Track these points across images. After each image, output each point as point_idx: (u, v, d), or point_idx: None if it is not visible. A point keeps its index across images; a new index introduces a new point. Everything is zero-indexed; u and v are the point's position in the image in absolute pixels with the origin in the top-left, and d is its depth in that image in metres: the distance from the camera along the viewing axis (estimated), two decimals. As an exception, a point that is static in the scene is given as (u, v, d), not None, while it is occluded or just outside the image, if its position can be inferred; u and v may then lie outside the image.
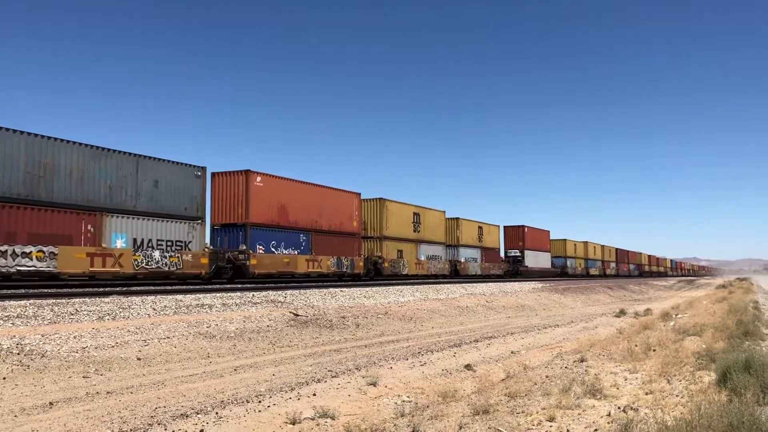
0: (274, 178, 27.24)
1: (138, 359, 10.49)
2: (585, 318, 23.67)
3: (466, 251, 46.59)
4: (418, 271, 38.09)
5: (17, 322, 11.70)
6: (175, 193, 22.23)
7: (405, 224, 37.69)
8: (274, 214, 27.00)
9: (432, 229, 41.15)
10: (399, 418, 7.00)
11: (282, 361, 11.22)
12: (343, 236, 31.63)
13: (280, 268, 26.62)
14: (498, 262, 52.78)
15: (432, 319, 20.02)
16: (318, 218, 29.87)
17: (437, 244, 41.90)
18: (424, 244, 39.86)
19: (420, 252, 39.07)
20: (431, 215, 41.42)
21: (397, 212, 36.78)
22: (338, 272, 30.58)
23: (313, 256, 28.94)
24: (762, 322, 15.26)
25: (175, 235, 21.86)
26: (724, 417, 4.66)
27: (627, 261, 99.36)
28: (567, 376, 8.35)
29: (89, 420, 6.84)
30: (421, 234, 39.50)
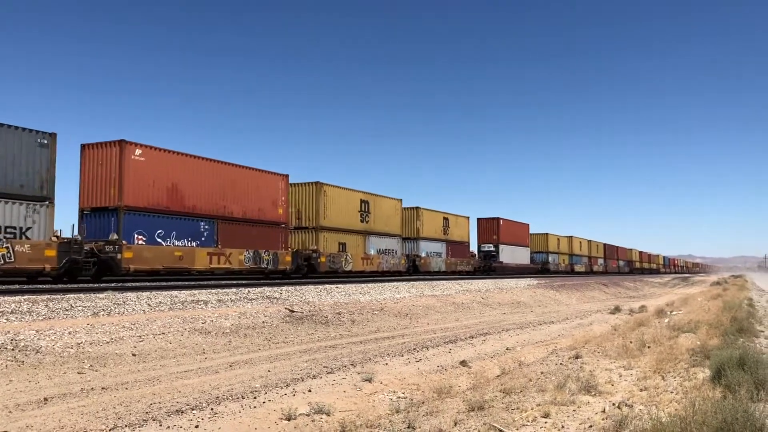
0: (162, 152, 22.06)
1: (133, 355, 10.47)
2: (580, 315, 23.75)
3: (428, 245, 41.60)
4: (365, 267, 33.06)
5: (11, 317, 11.66)
6: (6, 165, 16.95)
7: (350, 213, 32.47)
8: (161, 196, 21.81)
9: (385, 219, 35.90)
10: (394, 414, 7.00)
11: (277, 357, 11.22)
12: (264, 226, 26.53)
13: (170, 263, 21.59)
14: (467, 257, 47.79)
15: (427, 316, 20.04)
16: (227, 203, 24.71)
17: (391, 237, 36.72)
18: (375, 236, 34.69)
19: (369, 245, 34.02)
20: (384, 204, 36.18)
21: (339, 199, 31.63)
22: (255, 268, 25.57)
23: (219, 249, 23.73)
24: (756, 319, 15.33)
25: (4, 219, 16.72)
26: (718, 413, 4.67)
27: (616, 257, 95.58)
28: (562, 373, 8.37)
29: (84, 416, 6.83)
30: (370, 225, 34.24)
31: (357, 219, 33.24)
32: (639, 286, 57.42)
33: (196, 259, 22.67)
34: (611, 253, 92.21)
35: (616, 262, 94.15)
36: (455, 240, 46.02)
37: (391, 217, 36.91)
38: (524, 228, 59.93)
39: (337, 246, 31.35)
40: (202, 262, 22.93)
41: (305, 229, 30.19)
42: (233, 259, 24.36)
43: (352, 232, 32.65)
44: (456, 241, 46.14)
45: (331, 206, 30.87)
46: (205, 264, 23.10)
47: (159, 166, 21.80)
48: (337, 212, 31.43)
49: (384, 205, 36.29)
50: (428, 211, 42.36)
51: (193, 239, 23.03)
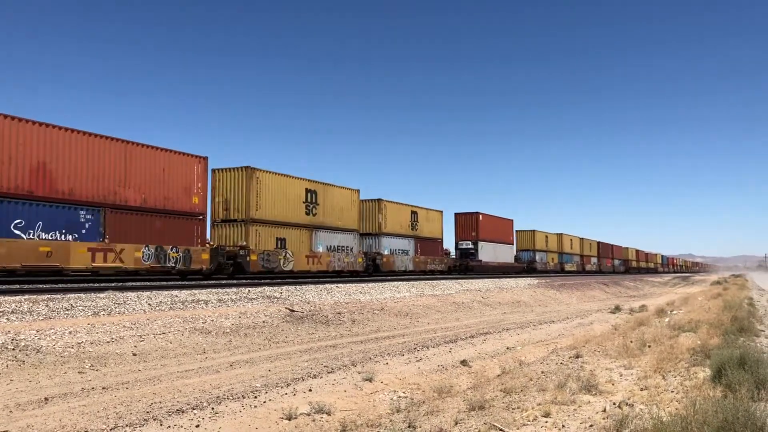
0: (25, 123, 17.77)
1: (133, 355, 10.48)
2: (580, 314, 23.75)
3: (392, 242, 37.05)
4: (311, 266, 28.99)
5: (12, 317, 11.66)
6: None
7: (291, 204, 28.25)
8: (22, 177, 17.56)
9: (338, 212, 31.55)
10: (395, 413, 7.00)
11: (278, 356, 11.22)
12: (173, 217, 22.17)
13: (32, 261, 17.39)
14: (440, 255, 43.59)
15: (428, 315, 20.04)
16: (120, 188, 20.35)
17: (346, 232, 32.27)
18: (324, 231, 30.42)
19: (316, 241, 29.74)
20: (336, 194, 31.77)
21: (276, 187, 27.48)
22: (158, 268, 21.32)
23: (107, 245, 19.47)
24: (757, 319, 15.33)
25: None
26: (719, 413, 4.67)
27: (611, 256, 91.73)
28: (562, 372, 8.37)
29: (85, 415, 6.83)
30: (318, 218, 29.98)
31: (301, 211, 28.85)
32: (639, 285, 57.43)
33: (72, 257, 18.39)
34: (606, 251, 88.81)
35: (611, 261, 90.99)
36: (426, 236, 41.74)
37: (345, 209, 32.34)
38: (507, 224, 55.89)
39: (275, 242, 26.94)
40: (80, 260, 18.63)
41: (233, 222, 25.98)
42: (126, 257, 20.05)
43: (295, 226, 28.38)
44: (426, 237, 41.81)
45: (266, 195, 26.63)
46: (86, 262, 18.81)
47: (18, 141, 17.53)
48: (275, 203, 27.12)
49: (336, 196, 31.78)
50: (392, 204, 37.94)
51: (69, 232, 18.65)
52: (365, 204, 36.50)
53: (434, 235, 43.37)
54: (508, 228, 55.66)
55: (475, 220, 48.76)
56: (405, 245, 39.00)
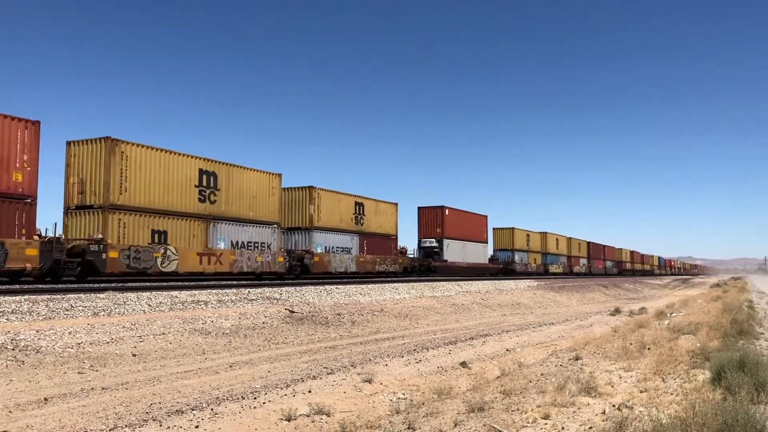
0: None
1: (133, 355, 10.47)
2: (580, 316, 23.75)
3: (328, 238, 31.38)
4: (207, 266, 23.12)
5: (12, 317, 11.66)
6: None
7: (178, 189, 22.54)
8: None
9: (248, 200, 25.99)
10: (394, 414, 7.00)
11: (277, 357, 11.22)
12: None
13: None
14: (393, 254, 37.64)
15: (427, 317, 20.04)
16: None
17: (260, 225, 26.47)
18: (228, 223, 24.60)
19: (215, 236, 23.94)
20: (247, 178, 26.04)
21: (153, 167, 21.70)
22: None
23: None
24: (756, 321, 15.33)
25: None
26: (718, 415, 4.67)
27: (603, 257, 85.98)
28: (562, 374, 8.37)
29: (84, 416, 6.83)
30: (219, 206, 24.18)
31: (192, 197, 23.05)
32: (639, 288, 57.44)
33: None
34: (597, 252, 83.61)
35: (603, 263, 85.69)
36: (375, 232, 35.84)
37: (260, 197, 26.69)
38: (480, 220, 50.04)
39: (149, 235, 21.23)
40: None
41: (89, 210, 20.26)
42: None
43: (183, 215, 22.49)
44: (375, 233, 35.96)
45: (136, 175, 20.96)
46: None
47: None
48: (150, 185, 21.50)
49: (247, 181, 26.15)
50: (329, 193, 32.11)
51: None
52: (291, 192, 31.05)
53: (386, 231, 37.37)
54: (480, 225, 50.17)
55: (440, 215, 43.40)
56: (346, 242, 33.12)
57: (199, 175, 23.68)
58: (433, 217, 43.68)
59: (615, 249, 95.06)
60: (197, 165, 23.61)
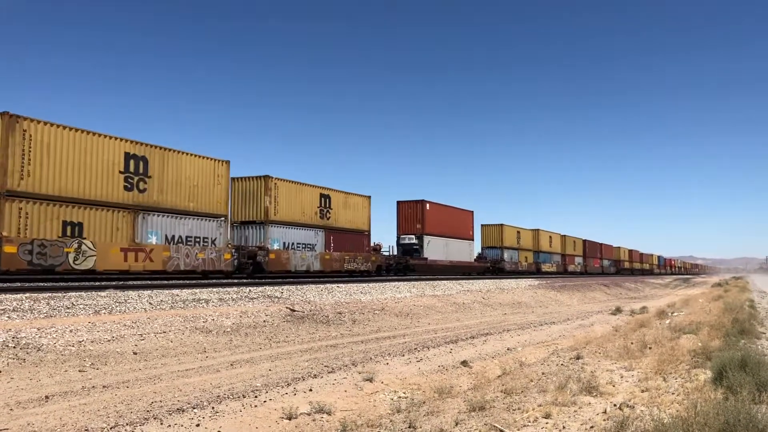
0: None
1: (134, 353, 10.48)
2: (581, 315, 23.73)
3: (287, 233, 28.42)
4: (133, 263, 20.47)
5: (13, 315, 11.67)
6: None
7: (98, 174, 19.88)
8: None
9: (188, 189, 23.06)
10: (395, 413, 7.00)
11: (278, 356, 11.22)
12: None
13: None
14: (365, 251, 34.50)
15: (428, 316, 20.04)
16: None
17: (203, 218, 23.63)
18: (161, 215, 21.85)
19: (145, 229, 21.18)
20: (186, 165, 23.16)
21: (66, 149, 19.16)
22: None
23: None
24: (758, 321, 15.31)
25: None
26: (720, 415, 4.67)
27: (600, 255, 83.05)
28: (563, 373, 8.37)
29: (85, 414, 6.83)
30: (150, 196, 21.45)
31: (116, 184, 20.34)
32: (640, 287, 57.41)
33: None
34: (593, 250, 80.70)
35: (599, 262, 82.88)
36: (344, 227, 32.82)
37: (203, 187, 23.88)
38: (464, 216, 46.96)
39: (60, 227, 18.71)
40: None
41: None
42: None
43: (103, 205, 19.82)
44: (345, 229, 32.90)
45: (42, 159, 18.48)
46: None
47: None
48: (61, 171, 19.01)
49: (187, 168, 23.24)
50: (289, 184, 28.98)
51: None
52: (245, 183, 28.12)
53: (357, 227, 34.09)
54: (465, 221, 47.03)
55: (421, 210, 40.49)
56: (309, 238, 30.15)
57: (126, 159, 20.87)
58: (413, 212, 40.81)
59: (613, 247, 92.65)
60: (123, 148, 20.80)
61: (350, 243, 33.36)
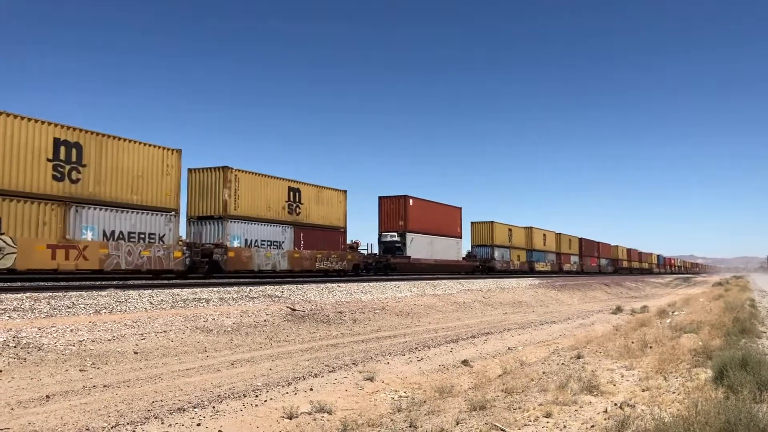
0: None
1: (135, 353, 10.48)
2: (582, 315, 23.73)
3: (250, 229, 26.12)
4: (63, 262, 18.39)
5: (14, 315, 11.68)
6: None
7: (18, 163, 17.64)
8: None
9: (131, 180, 20.96)
10: (396, 413, 7.00)
11: (279, 355, 11.23)
12: None
13: None
14: (340, 249, 32.20)
15: (429, 315, 20.04)
16: None
17: (149, 212, 21.55)
18: (99, 208, 19.78)
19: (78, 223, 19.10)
20: (128, 154, 21.03)
21: None
22: None
23: None
24: (758, 320, 15.31)
25: None
26: (721, 414, 4.67)
27: (597, 254, 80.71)
28: (564, 373, 8.36)
29: (86, 413, 6.83)
30: (84, 187, 19.34)
31: (43, 174, 18.21)
32: (640, 286, 57.44)
33: None
34: (590, 249, 78.33)
35: (596, 261, 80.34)
36: (316, 224, 30.57)
37: (149, 177, 21.60)
38: (452, 213, 44.99)
39: None
40: None
41: None
42: None
43: (27, 197, 17.78)
44: (317, 225, 30.70)
45: None
46: None
47: None
48: None
49: (130, 157, 21.05)
50: (251, 176, 26.59)
51: None
52: (202, 174, 25.66)
53: (331, 223, 31.88)
54: (452, 218, 44.89)
55: (403, 206, 38.23)
56: (275, 235, 27.80)
57: (55, 146, 18.58)
58: (395, 207, 38.43)
59: (610, 246, 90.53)
60: (51, 133, 18.55)
61: (323, 240, 31.11)
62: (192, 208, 25.76)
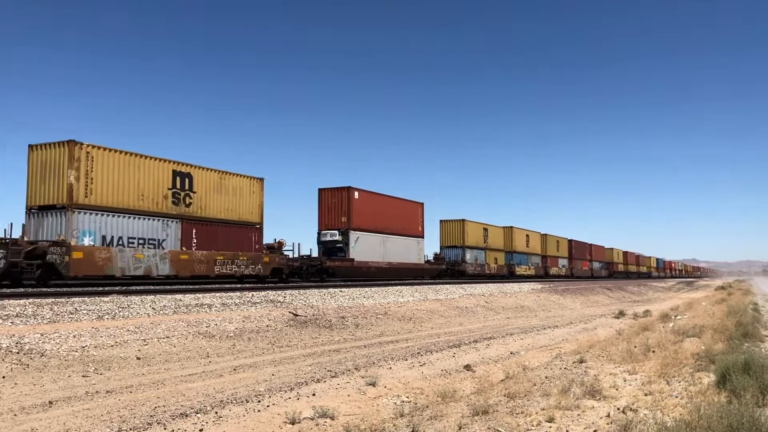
0: None
1: (137, 358, 10.50)
2: (584, 319, 23.69)
3: (111, 223, 20.30)
4: None
5: (17, 321, 11.69)
6: None
7: None
8: None
9: None
10: (398, 418, 7.00)
11: (281, 360, 11.23)
12: None
13: None
14: (254, 250, 26.46)
15: (431, 320, 20.03)
16: None
17: None
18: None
19: None
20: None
21: None
22: None
23: None
24: (761, 324, 15.30)
25: None
26: (723, 418, 4.67)
27: (589, 257, 75.87)
28: (566, 377, 8.36)
29: (89, 419, 6.85)
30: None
31: None
32: (643, 290, 57.38)
33: None
34: (581, 251, 73.45)
35: (588, 264, 75.46)
36: (217, 218, 24.73)
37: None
38: (411, 209, 39.13)
39: None
40: None
41: None
42: None
43: None
44: (218, 220, 24.83)
45: None
46: None
47: None
48: None
49: None
50: (115, 154, 20.83)
51: None
52: (42, 152, 19.97)
53: (241, 218, 26.08)
54: (411, 214, 38.96)
55: (347, 200, 32.95)
56: (152, 231, 21.94)
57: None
58: (337, 201, 33.11)
59: (604, 249, 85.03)
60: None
61: (227, 239, 25.10)
62: (33, 195, 20.08)
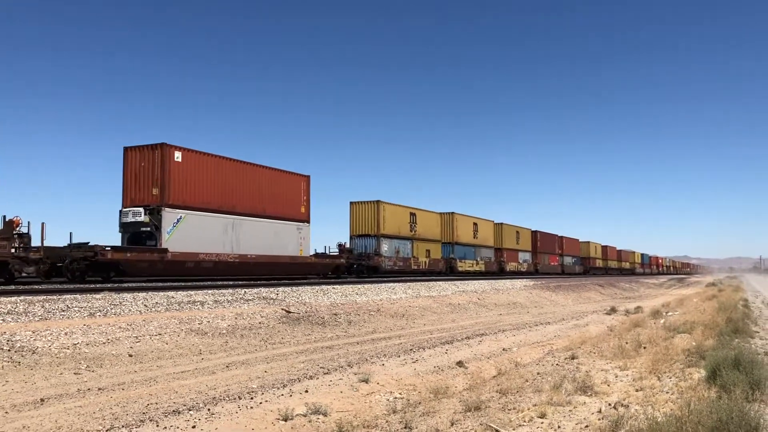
0: None
1: (129, 356, 10.46)
2: (576, 315, 23.80)
3: None
4: None
5: (8, 318, 11.62)
6: None
7: None
8: None
9: None
10: (391, 414, 7.02)
11: (274, 357, 11.22)
12: None
13: None
14: None
15: (424, 317, 20.06)
16: None
17: None
18: None
19: None
20: None
21: None
22: None
23: None
24: (751, 320, 15.41)
25: None
26: (713, 413, 4.71)
27: (560, 251, 67.11)
28: (558, 373, 8.41)
29: (80, 416, 6.82)
30: None
31: None
32: (635, 287, 57.70)
33: None
34: (548, 245, 64.04)
35: (558, 259, 66.38)
36: None
37: None
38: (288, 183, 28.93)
39: None
40: None
41: None
42: None
43: None
44: None
45: None
46: None
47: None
48: None
49: None
50: None
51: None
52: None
53: None
54: (289, 191, 28.86)
55: (160, 163, 22.52)
56: None
57: None
58: (147, 165, 22.70)
59: (579, 242, 75.46)
60: None
61: None
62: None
